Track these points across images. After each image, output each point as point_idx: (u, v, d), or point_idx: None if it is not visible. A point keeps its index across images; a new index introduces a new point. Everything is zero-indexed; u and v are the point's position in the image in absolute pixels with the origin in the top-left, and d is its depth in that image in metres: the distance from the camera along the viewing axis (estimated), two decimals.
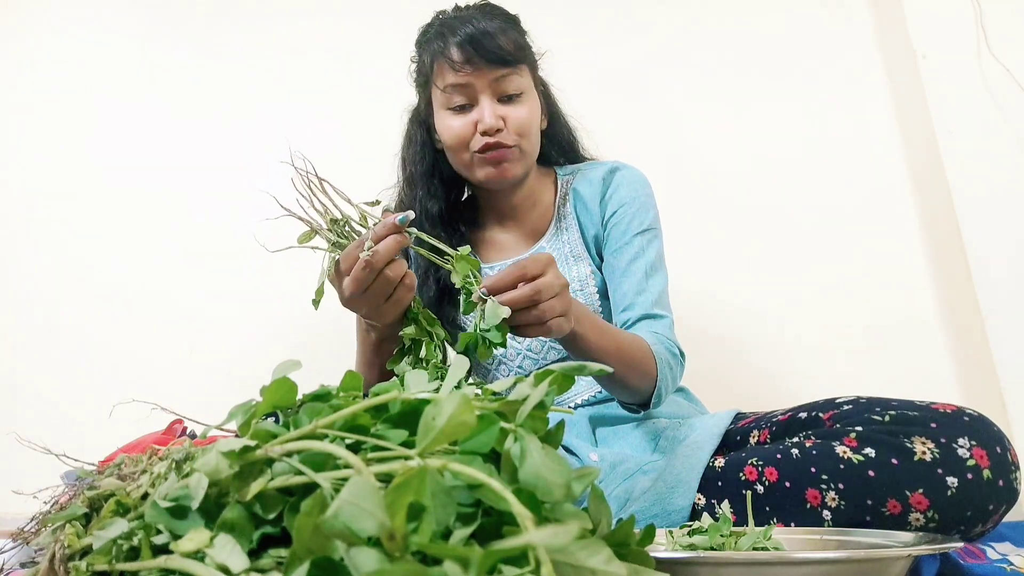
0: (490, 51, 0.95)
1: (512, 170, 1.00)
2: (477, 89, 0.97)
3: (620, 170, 1.08)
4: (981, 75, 1.45)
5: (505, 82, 0.97)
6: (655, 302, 0.99)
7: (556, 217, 1.09)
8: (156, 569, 0.34)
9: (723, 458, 0.85)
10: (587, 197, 1.07)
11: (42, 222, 1.62)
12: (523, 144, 1.00)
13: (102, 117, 1.67)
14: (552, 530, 0.27)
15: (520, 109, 0.99)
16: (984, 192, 1.40)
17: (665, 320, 0.98)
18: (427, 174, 1.07)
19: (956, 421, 0.72)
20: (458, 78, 0.96)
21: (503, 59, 0.96)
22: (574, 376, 0.41)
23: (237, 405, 0.44)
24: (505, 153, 0.98)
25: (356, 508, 0.28)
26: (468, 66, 0.96)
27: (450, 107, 0.99)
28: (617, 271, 1.02)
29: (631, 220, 1.03)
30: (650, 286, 0.99)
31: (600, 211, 1.06)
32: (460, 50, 0.95)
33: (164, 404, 0.57)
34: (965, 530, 0.71)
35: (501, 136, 0.97)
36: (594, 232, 1.06)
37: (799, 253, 1.52)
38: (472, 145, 0.98)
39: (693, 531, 0.63)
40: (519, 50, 0.98)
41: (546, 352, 1.04)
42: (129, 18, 1.73)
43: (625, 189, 1.06)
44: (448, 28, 0.98)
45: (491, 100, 0.97)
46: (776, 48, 1.63)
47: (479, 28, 0.95)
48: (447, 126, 1.00)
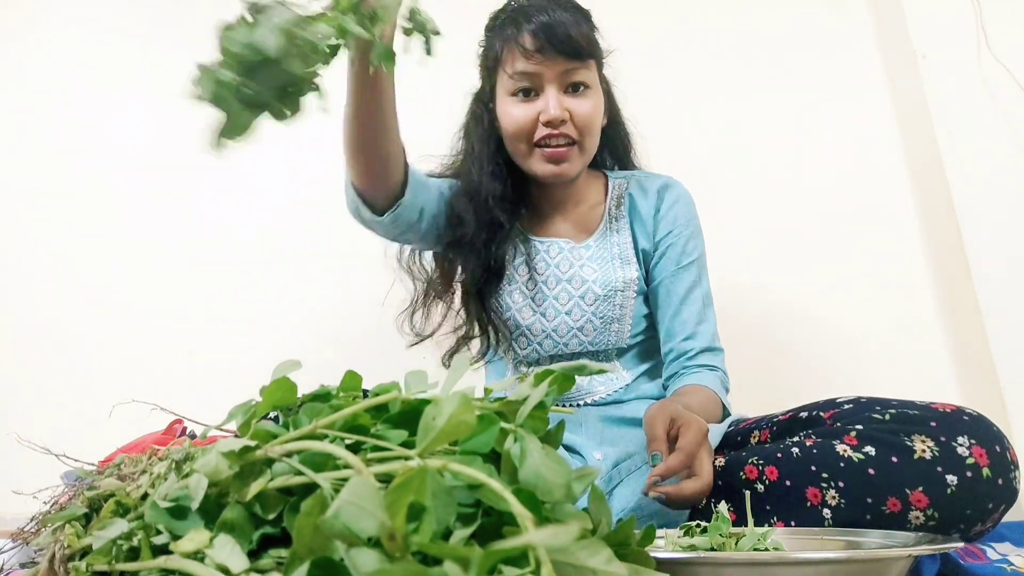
0: (563, 41, 0.94)
1: (570, 168, 1.00)
2: (545, 79, 0.96)
3: (673, 187, 1.10)
4: (981, 75, 1.45)
5: (573, 74, 0.97)
6: (714, 334, 1.03)
7: (608, 218, 1.09)
8: (156, 569, 0.34)
9: (724, 457, 0.85)
10: (642, 208, 1.08)
11: (42, 222, 1.62)
12: (585, 141, 0.99)
13: (101, 117, 1.67)
14: (552, 530, 0.27)
15: (585, 103, 0.98)
16: (984, 192, 1.40)
17: (722, 354, 1.02)
18: (493, 156, 1.05)
19: (956, 420, 0.73)
20: (528, 66, 0.96)
21: (575, 51, 0.95)
22: (574, 376, 0.41)
23: (237, 405, 0.44)
24: (565, 152, 0.98)
25: (356, 508, 0.28)
26: (539, 54, 0.95)
27: (514, 93, 0.99)
28: (675, 297, 1.03)
29: (686, 244, 1.05)
30: (708, 316, 1.03)
31: (653, 225, 1.07)
32: (533, 38, 0.95)
33: (164, 404, 0.57)
34: (965, 529, 0.71)
35: (564, 128, 0.97)
36: (644, 244, 1.07)
37: (798, 253, 1.52)
38: (533, 136, 0.98)
39: (691, 531, 0.63)
40: (590, 44, 0.98)
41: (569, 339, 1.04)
42: (129, 17, 1.73)
43: (680, 209, 1.07)
44: (522, 15, 0.97)
45: (557, 91, 0.97)
46: (776, 48, 1.63)
47: (553, 18, 0.95)
48: (509, 113, 0.99)
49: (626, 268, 1.05)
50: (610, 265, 1.05)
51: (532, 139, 0.98)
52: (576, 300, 1.03)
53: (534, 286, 1.04)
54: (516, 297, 1.05)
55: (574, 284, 1.04)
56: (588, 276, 1.03)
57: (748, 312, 1.51)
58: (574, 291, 1.03)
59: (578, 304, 1.03)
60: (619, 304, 1.03)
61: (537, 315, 1.03)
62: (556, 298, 1.04)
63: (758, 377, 1.47)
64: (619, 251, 1.06)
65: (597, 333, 1.03)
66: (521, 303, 1.04)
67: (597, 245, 1.07)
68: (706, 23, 1.66)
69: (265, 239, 1.58)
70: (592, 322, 1.03)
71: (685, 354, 1.00)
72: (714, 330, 1.03)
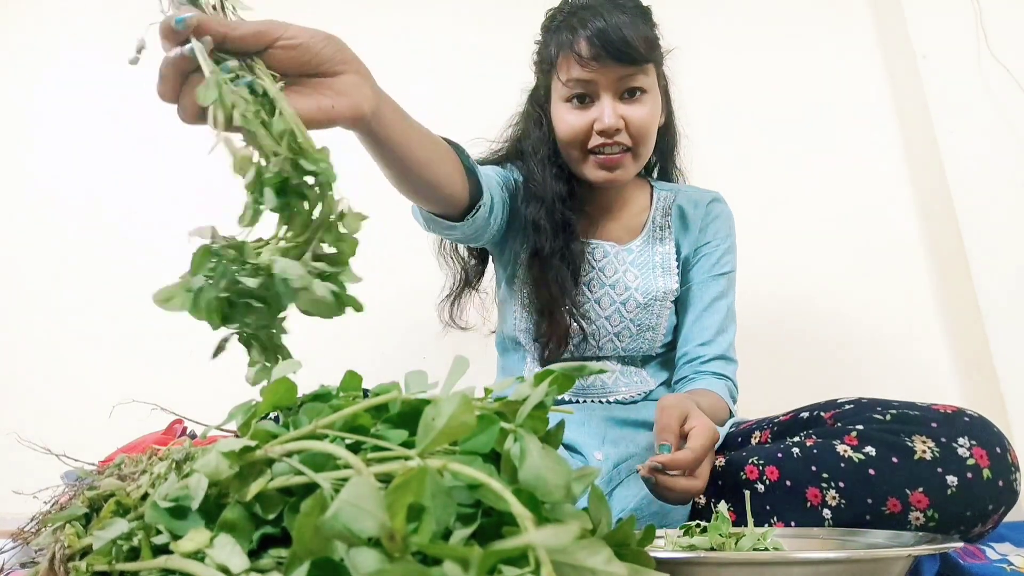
0: (620, 49, 0.91)
1: (624, 175, 0.99)
2: (600, 86, 0.94)
3: (722, 203, 1.11)
4: (981, 75, 1.45)
5: (631, 80, 0.95)
6: (731, 345, 1.03)
7: (652, 226, 1.08)
8: (156, 569, 0.34)
9: (724, 458, 0.85)
10: (691, 218, 1.08)
11: (42, 222, 1.62)
12: (639, 148, 0.98)
13: (101, 116, 1.67)
14: (552, 530, 0.27)
15: (641, 109, 0.96)
16: (984, 192, 1.40)
17: (735, 365, 1.03)
18: (553, 158, 1.03)
19: (956, 421, 0.73)
20: (583, 74, 0.94)
21: (632, 58, 0.92)
22: (573, 376, 0.41)
23: (237, 405, 0.44)
24: (619, 159, 0.97)
25: (356, 508, 0.28)
26: (595, 62, 0.92)
27: (568, 99, 0.97)
28: (700, 303, 1.04)
29: (722, 256, 1.06)
30: (728, 328, 1.04)
31: (697, 235, 1.08)
32: (589, 45, 0.92)
33: (164, 404, 0.57)
34: (965, 530, 0.71)
35: (619, 136, 0.95)
36: (687, 252, 1.07)
37: (798, 253, 1.52)
38: (587, 144, 0.97)
39: (691, 531, 0.63)
40: (649, 48, 0.95)
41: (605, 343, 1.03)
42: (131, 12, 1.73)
43: (722, 223, 1.09)
44: (579, 20, 0.94)
45: (613, 99, 0.95)
46: (776, 48, 1.64)
47: (610, 23, 0.91)
48: (563, 120, 0.98)
49: (667, 278, 1.05)
50: (651, 273, 1.05)
51: (586, 146, 0.97)
52: (618, 306, 1.03)
53: (577, 288, 1.03)
54: None
55: (617, 290, 1.04)
56: (631, 283, 1.03)
57: (748, 312, 1.50)
58: (616, 296, 1.03)
59: (619, 310, 1.03)
60: (656, 313, 1.03)
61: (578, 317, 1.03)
62: (598, 302, 1.04)
63: (759, 377, 1.47)
64: (661, 260, 1.06)
65: (631, 339, 1.03)
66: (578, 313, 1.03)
67: (640, 250, 1.06)
68: (706, 23, 1.66)
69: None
70: (629, 328, 1.03)
71: (699, 358, 1.01)
72: (732, 342, 1.04)
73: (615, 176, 0.98)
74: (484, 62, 1.61)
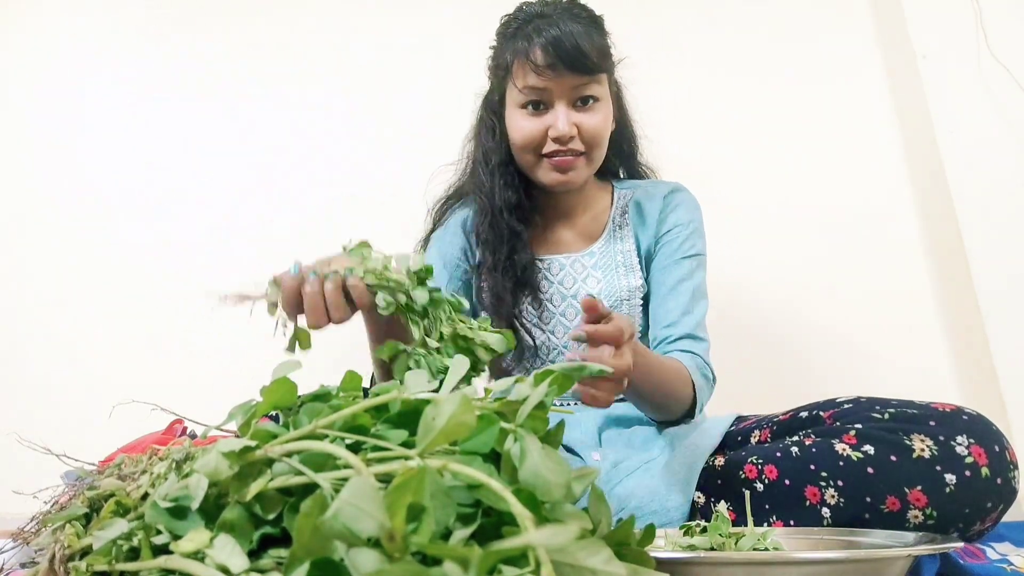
0: (574, 58, 0.93)
1: (577, 177, 1.00)
2: (555, 94, 0.96)
3: (681, 191, 1.10)
4: (981, 75, 1.45)
5: (584, 88, 0.96)
6: (698, 324, 1.00)
7: (612, 226, 1.08)
8: (156, 569, 0.34)
9: (723, 457, 0.85)
10: (648, 212, 1.08)
11: (42, 222, 1.62)
12: (592, 153, 0.99)
13: (101, 116, 1.67)
14: (552, 530, 0.27)
15: (594, 117, 0.98)
16: (984, 192, 1.40)
17: (705, 343, 0.99)
18: (504, 163, 1.04)
19: (955, 419, 0.73)
20: (538, 81, 0.95)
21: (586, 68, 0.94)
22: (573, 376, 0.41)
23: (237, 405, 0.44)
24: (572, 161, 0.98)
25: (356, 509, 0.28)
26: (550, 71, 0.94)
27: (523, 106, 0.98)
28: (664, 287, 1.03)
29: (684, 241, 1.05)
30: (695, 309, 1.01)
31: (656, 226, 1.07)
32: (544, 54, 0.93)
33: (164, 404, 0.57)
34: (964, 528, 0.71)
35: (572, 144, 0.97)
36: (647, 245, 1.07)
37: (798, 253, 1.52)
38: (541, 149, 0.98)
39: (691, 530, 0.63)
40: (601, 57, 0.97)
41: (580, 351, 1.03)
42: (138, 13, 1.73)
43: (683, 210, 1.07)
44: (534, 28, 0.95)
45: (567, 107, 0.96)
46: (776, 48, 1.63)
47: (565, 32, 0.93)
48: (518, 126, 0.99)
49: (630, 276, 1.05)
50: (614, 273, 1.05)
51: (540, 151, 0.98)
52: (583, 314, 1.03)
53: (539, 305, 1.03)
54: (528, 316, 1.05)
55: (578, 299, 1.03)
56: (593, 288, 1.03)
57: (749, 312, 1.51)
58: (579, 306, 1.03)
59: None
60: (626, 313, 1.03)
61: (547, 334, 1.03)
62: (563, 315, 1.04)
63: (759, 377, 1.47)
64: (623, 259, 1.06)
65: None
66: (530, 324, 1.04)
67: (601, 252, 1.06)
68: (706, 24, 1.66)
69: (266, 239, 1.59)
70: None
71: (665, 339, 0.99)
72: (699, 321, 1.00)
73: (568, 178, 0.99)
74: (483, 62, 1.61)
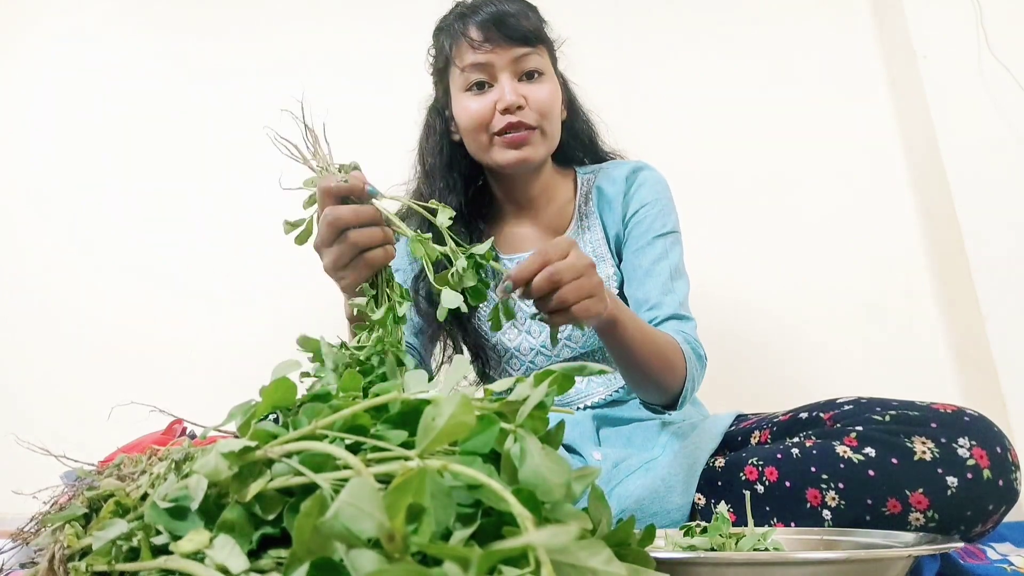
0: (511, 27, 0.94)
1: (533, 153, 0.97)
2: (497, 68, 0.95)
3: (643, 170, 1.07)
4: (981, 75, 1.45)
5: (526, 60, 0.96)
6: (682, 303, 0.96)
7: (578, 216, 1.07)
8: (156, 570, 0.34)
9: (723, 458, 0.85)
10: (611, 196, 1.05)
11: (41, 222, 1.62)
12: (544, 125, 0.97)
13: (101, 116, 1.67)
14: (552, 530, 0.27)
15: (542, 88, 0.97)
16: (984, 192, 1.40)
17: (692, 322, 0.96)
18: (446, 166, 1.04)
19: (956, 421, 0.72)
20: (477, 56, 0.95)
21: (524, 36, 0.95)
22: (574, 376, 0.41)
23: (236, 405, 0.43)
24: (526, 136, 0.96)
25: (356, 509, 0.27)
26: (488, 43, 0.94)
27: (468, 88, 0.97)
28: (640, 270, 0.99)
29: (654, 220, 1.01)
30: (676, 288, 0.97)
31: (622, 210, 1.04)
32: (480, 28, 0.95)
33: (164, 404, 0.57)
34: (965, 530, 0.71)
35: (522, 114, 0.95)
36: (615, 231, 1.04)
37: (799, 253, 1.52)
38: (492, 126, 0.96)
39: (691, 531, 0.63)
40: (538, 31, 0.98)
41: (560, 349, 1.03)
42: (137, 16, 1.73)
43: (647, 189, 1.04)
44: (468, 9, 0.98)
45: (511, 78, 0.95)
46: (776, 48, 1.63)
47: (499, 8, 0.95)
48: (465, 108, 0.97)
49: (602, 266, 1.03)
50: None
51: (490, 129, 0.96)
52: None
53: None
54: None
55: None
56: None
57: (748, 311, 1.51)
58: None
59: None
60: None
61: (523, 334, 1.03)
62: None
63: (758, 377, 1.47)
64: (592, 249, 1.04)
65: (585, 337, 1.01)
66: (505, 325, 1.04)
67: None
68: (707, 24, 1.67)
69: (266, 239, 1.58)
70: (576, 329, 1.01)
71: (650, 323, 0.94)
72: (682, 300, 0.97)
73: (524, 154, 0.96)
74: None
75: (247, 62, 1.68)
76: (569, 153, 1.13)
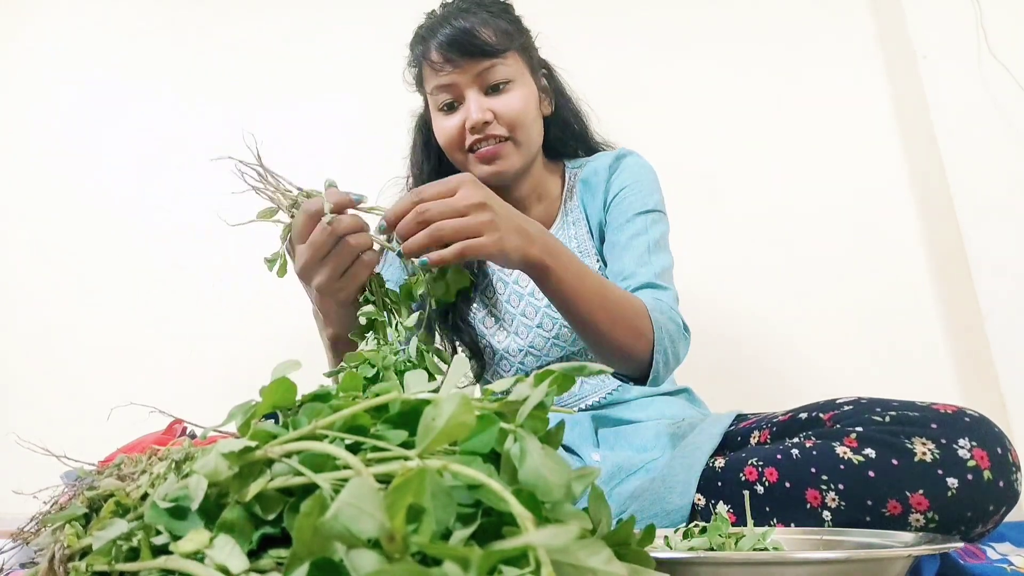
0: (470, 45, 0.93)
1: (508, 165, 0.98)
2: (462, 85, 0.96)
3: (627, 156, 1.06)
4: (981, 75, 1.45)
5: (491, 73, 0.96)
6: (658, 275, 0.93)
7: (562, 211, 1.06)
8: (156, 570, 0.34)
9: (723, 458, 0.85)
10: (594, 184, 1.05)
11: (41, 222, 1.62)
12: (517, 135, 0.97)
13: (100, 116, 1.67)
14: (552, 530, 0.27)
15: (509, 98, 0.96)
16: (984, 192, 1.40)
17: (669, 291, 0.92)
18: (433, 174, 1.05)
19: (957, 422, 0.72)
20: (441, 79, 0.96)
21: (483, 51, 0.94)
22: (574, 376, 0.41)
23: (236, 406, 0.43)
24: (497, 149, 0.96)
25: (356, 509, 0.27)
26: (448, 65, 0.95)
27: (440, 108, 0.99)
28: (617, 247, 0.98)
29: (634, 200, 1.00)
30: (653, 260, 0.94)
31: (603, 195, 1.04)
32: (438, 50, 0.95)
33: (164, 404, 0.57)
34: (965, 531, 0.71)
35: (490, 129, 0.96)
36: (598, 219, 1.04)
37: (798, 253, 1.52)
38: (465, 144, 0.97)
39: (691, 531, 0.63)
40: (503, 38, 0.96)
41: (549, 349, 1.03)
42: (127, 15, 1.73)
43: (628, 172, 1.03)
44: (429, 30, 0.97)
45: (478, 94, 0.96)
46: (776, 48, 1.64)
47: (456, 26, 0.94)
48: (440, 128, 0.99)
49: (586, 260, 1.02)
50: None
51: (464, 147, 0.98)
52: (544, 311, 1.01)
53: (498, 308, 1.03)
54: (488, 322, 1.04)
55: (537, 295, 1.02)
56: None
57: (748, 311, 1.51)
58: (538, 303, 1.02)
59: (546, 314, 1.02)
60: None
61: (511, 335, 1.03)
62: (524, 314, 1.03)
63: (759, 376, 1.47)
64: (577, 244, 1.04)
65: (574, 336, 1.01)
66: (493, 326, 1.03)
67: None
68: (707, 23, 1.67)
69: (266, 239, 1.59)
70: (565, 327, 1.01)
71: None
72: (659, 272, 0.93)
73: (497, 168, 0.97)
74: None
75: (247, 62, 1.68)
76: (560, 144, 1.12)
